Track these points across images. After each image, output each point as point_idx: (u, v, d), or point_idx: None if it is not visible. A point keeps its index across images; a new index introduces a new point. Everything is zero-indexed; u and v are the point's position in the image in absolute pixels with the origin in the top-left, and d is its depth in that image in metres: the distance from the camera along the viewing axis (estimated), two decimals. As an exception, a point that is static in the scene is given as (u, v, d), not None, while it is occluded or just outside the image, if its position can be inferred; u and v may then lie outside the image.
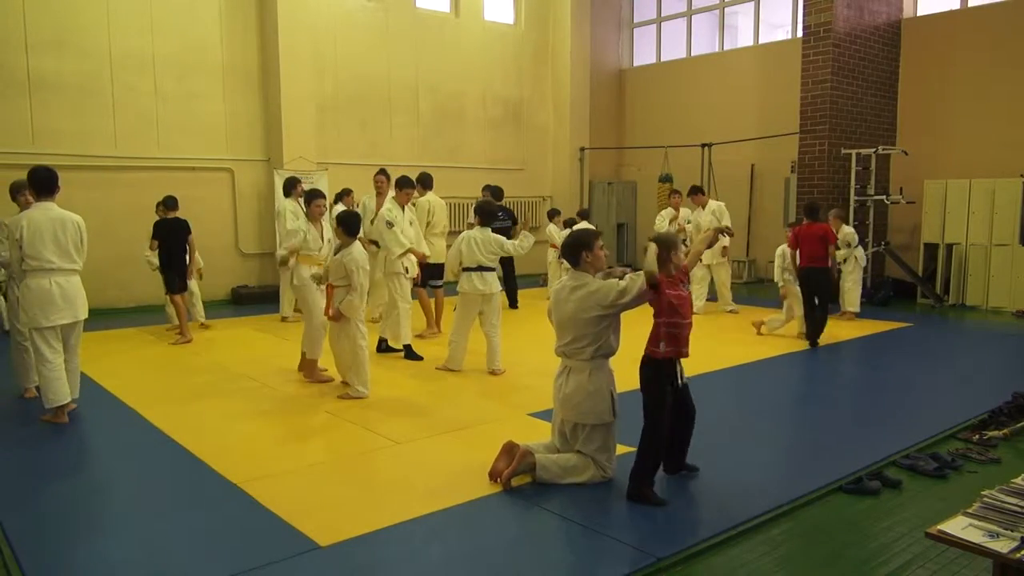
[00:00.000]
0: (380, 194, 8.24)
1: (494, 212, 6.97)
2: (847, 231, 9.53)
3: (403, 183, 7.59)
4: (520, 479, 4.08)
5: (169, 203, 8.28)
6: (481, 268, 6.65)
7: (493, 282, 6.70)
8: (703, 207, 9.96)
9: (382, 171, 8.42)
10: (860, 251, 9.74)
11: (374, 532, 3.53)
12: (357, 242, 5.95)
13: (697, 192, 10.12)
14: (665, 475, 4.17)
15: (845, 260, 9.49)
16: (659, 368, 3.97)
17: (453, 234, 8.25)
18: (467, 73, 13.87)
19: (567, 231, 11.34)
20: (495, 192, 10.60)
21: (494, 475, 4.11)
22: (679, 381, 4.07)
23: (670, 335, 3.92)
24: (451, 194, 13.06)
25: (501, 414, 5.49)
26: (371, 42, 12.60)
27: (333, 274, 5.88)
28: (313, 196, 6.56)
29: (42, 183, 5.22)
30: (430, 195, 8.78)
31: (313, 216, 6.49)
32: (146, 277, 9.34)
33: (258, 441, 4.95)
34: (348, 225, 5.91)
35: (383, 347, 7.45)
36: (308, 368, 6.44)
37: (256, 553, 3.32)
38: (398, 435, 4.98)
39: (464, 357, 6.82)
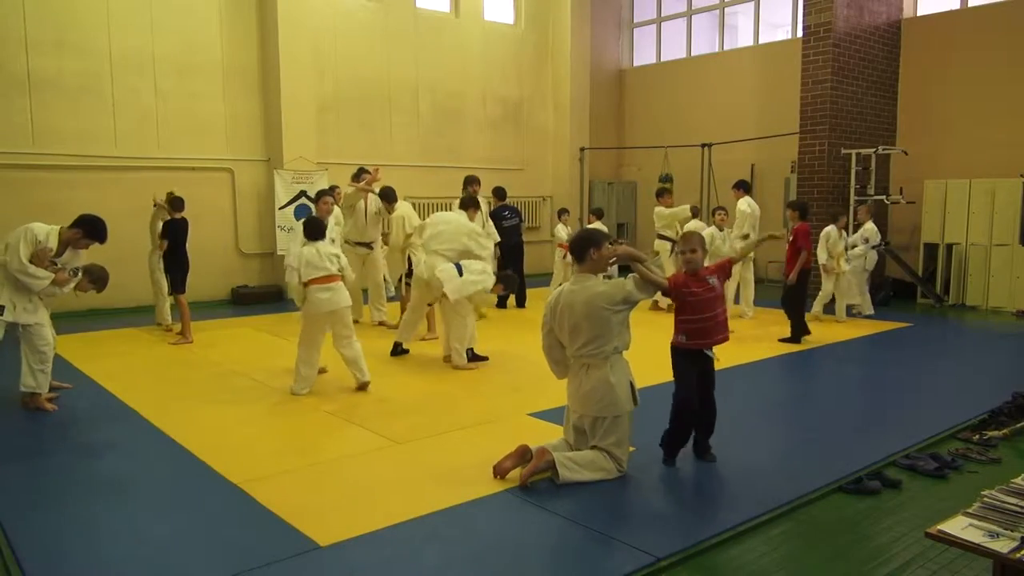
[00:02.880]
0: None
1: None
2: (871, 227, 9.61)
3: (471, 180, 9.02)
4: (534, 477, 4.07)
5: (177, 204, 8.29)
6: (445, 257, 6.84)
7: (451, 276, 6.70)
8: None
9: (364, 170, 8.70)
10: (873, 253, 9.77)
11: (374, 532, 3.53)
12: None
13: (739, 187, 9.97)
14: (669, 472, 4.18)
15: (861, 258, 9.60)
16: (683, 355, 4.34)
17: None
18: (467, 73, 13.87)
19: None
20: (499, 192, 10.60)
21: (498, 471, 4.14)
22: (710, 366, 4.37)
23: (692, 330, 4.28)
24: (451, 194, 13.07)
25: (501, 414, 5.50)
26: (371, 42, 12.60)
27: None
28: (321, 195, 7.05)
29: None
30: (400, 206, 8.59)
31: (321, 214, 6.66)
32: (145, 277, 9.33)
33: (258, 441, 4.96)
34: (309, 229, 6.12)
35: (397, 351, 7.43)
36: None
37: (256, 553, 3.33)
38: (398, 435, 4.98)
39: (412, 334, 7.30)
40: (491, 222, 9.71)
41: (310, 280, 5.87)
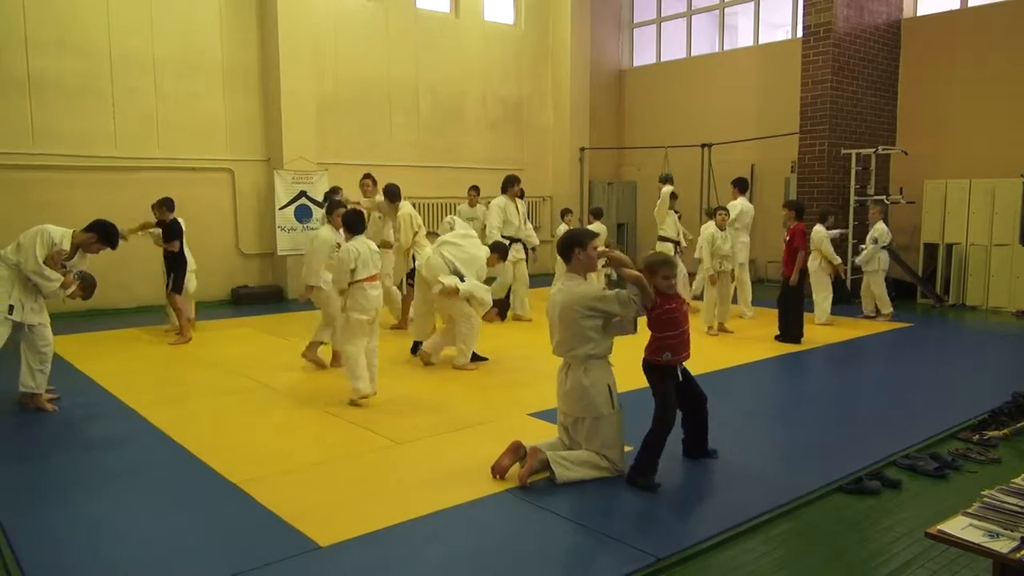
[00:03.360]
0: (365, 196, 8.64)
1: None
2: (881, 227, 9.54)
3: (513, 180, 9.31)
4: (532, 477, 4.08)
5: (169, 204, 8.30)
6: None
7: (457, 281, 6.75)
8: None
9: (369, 175, 8.89)
10: (884, 253, 9.64)
11: (374, 532, 3.53)
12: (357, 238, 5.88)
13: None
14: (669, 472, 4.18)
15: (868, 260, 9.59)
16: (663, 372, 4.18)
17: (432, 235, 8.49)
18: (467, 73, 13.87)
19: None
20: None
21: (496, 470, 4.14)
22: (679, 377, 4.24)
23: (673, 345, 4.15)
24: (451, 194, 13.10)
25: (501, 414, 5.50)
26: (371, 42, 12.60)
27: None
28: (333, 207, 6.89)
29: None
30: (403, 205, 8.63)
31: (335, 227, 6.59)
32: (145, 277, 9.35)
33: (258, 441, 4.96)
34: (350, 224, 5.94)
35: (417, 348, 7.36)
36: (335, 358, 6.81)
37: (256, 553, 3.33)
38: (398, 435, 4.98)
39: (429, 328, 7.23)
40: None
41: (365, 278, 5.72)
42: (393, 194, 8.51)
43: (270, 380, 6.48)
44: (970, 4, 11.49)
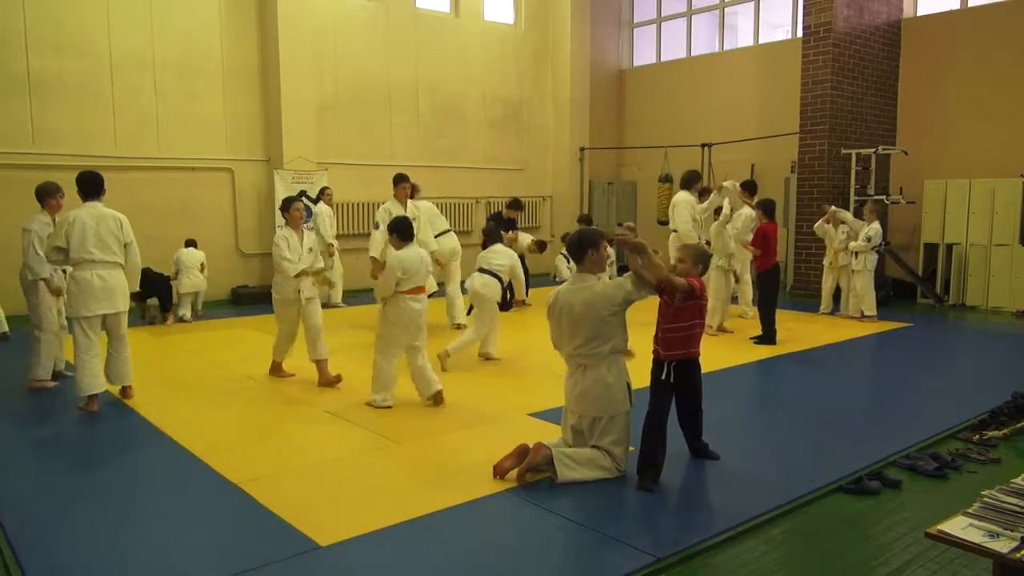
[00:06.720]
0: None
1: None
2: (876, 227, 9.41)
3: (695, 177, 8.94)
4: (532, 475, 4.09)
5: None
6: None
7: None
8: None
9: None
10: (872, 255, 9.46)
11: (374, 532, 3.53)
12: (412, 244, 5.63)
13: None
14: (669, 472, 4.18)
15: (856, 254, 9.50)
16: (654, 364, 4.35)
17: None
18: (467, 73, 13.87)
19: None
20: (515, 203, 10.44)
21: (498, 471, 4.14)
22: (663, 373, 4.27)
23: (658, 339, 4.30)
24: (451, 194, 13.12)
25: (501, 414, 5.49)
26: (371, 42, 12.60)
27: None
28: (291, 201, 6.65)
29: (88, 186, 5.86)
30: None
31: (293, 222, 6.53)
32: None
33: (258, 441, 4.96)
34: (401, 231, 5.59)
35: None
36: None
37: (256, 553, 3.33)
38: (398, 435, 4.98)
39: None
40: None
41: (407, 289, 5.45)
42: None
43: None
44: (970, 4, 11.49)
